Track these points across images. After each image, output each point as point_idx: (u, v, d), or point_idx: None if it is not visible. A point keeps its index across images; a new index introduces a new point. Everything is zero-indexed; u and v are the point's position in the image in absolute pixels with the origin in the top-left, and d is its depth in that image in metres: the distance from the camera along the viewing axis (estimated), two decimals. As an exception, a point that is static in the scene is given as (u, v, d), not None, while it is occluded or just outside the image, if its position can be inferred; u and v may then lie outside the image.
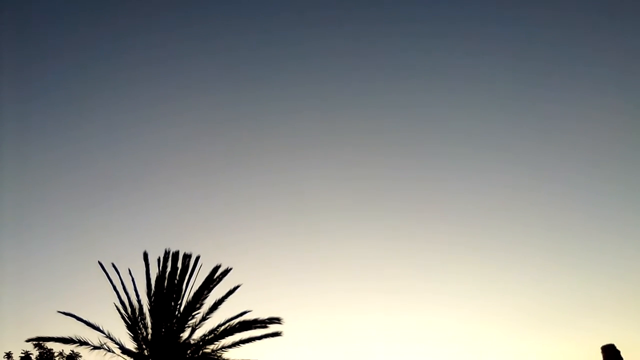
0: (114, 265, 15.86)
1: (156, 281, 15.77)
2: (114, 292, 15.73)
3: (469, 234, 35.62)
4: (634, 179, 35.02)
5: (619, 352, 10.64)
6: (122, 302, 15.72)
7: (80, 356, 18.40)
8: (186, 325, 15.84)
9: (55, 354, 17.98)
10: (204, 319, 15.93)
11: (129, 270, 15.93)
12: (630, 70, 35.18)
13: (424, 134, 38.28)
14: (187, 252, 16.12)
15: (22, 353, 17.56)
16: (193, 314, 15.87)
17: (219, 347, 15.84)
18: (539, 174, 36.51)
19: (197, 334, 15.96)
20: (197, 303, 15.84)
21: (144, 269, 15.85)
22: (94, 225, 34.96)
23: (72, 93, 37.23)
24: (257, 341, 15.91)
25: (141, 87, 38.31)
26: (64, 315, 15.36)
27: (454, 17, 36.97)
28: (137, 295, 15.75)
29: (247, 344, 15.87)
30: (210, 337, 15.85)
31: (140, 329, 15.72)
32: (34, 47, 36.02)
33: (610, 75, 36.04)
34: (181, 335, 15.87)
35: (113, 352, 15.29)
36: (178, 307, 15.83)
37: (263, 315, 15.92)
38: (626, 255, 32.18)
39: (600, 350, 10.79)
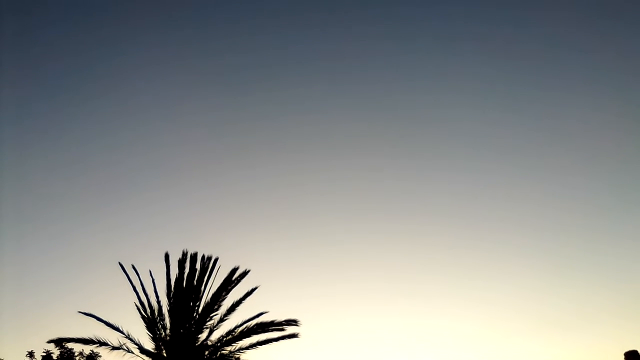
0: (134, 267, 16.05)
1: (175, 282, 15.88)
2: (134, 293, 15.92)
3: (484, 237, 35.40)
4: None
5: (642, 358, 10.45)
6: (141, 303, 15.88)
7: (100, 356, 18.63)
8: (204, 327, 15.94)
9: (76, 354, 18.22)
10: (221, 320, 16.03)
11: (150, 272, 16.12)
12: (630, 71, 34.75)
13: (432, 134, 38.26)
14: (207, 253, 16.25)
15: (43, 352, 17.84)
16: (211, 315, 15.97)
17: (237, 348, 15.89)
18: (550, 175, 36.17)
19: (215, 335, 16.08)
20: (215, 304, 15.93)
21: (164, 269, 16.01)
22: (114, 225, 35.45)
23: (85, 91, 37.81)
24: (274, 343, 15.96)
25: (158, 85, 38.77)
26: (84, 315, 15.57)
27: (453, 17, 36.88)
28: (157, 296, 15.91)
29: (264, 346, 15.92)
30: (228, 338, 15.91)
31: (159, 330, 15.85)
32: (38, 46, 36.68)
33: (609, 75, 35.66)
34: (199, 336, 15.97)
35: (132, 352, 15.41)
36: (196, 308, 15.94)
37: (280, 317, 15.95)
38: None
39: (623, 357, 10.61)
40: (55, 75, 37.34)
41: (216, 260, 16.21)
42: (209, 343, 16.00)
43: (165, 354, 15.69)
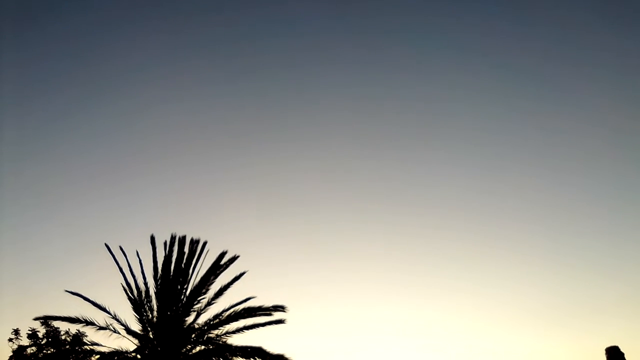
0: (121, 248, 15.94)
1: (163, 265, 15.85)
2: (121, 274, 15.86)
3: (475, 231, 35.66)
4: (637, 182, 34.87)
5: (622, 354, 10.58)
6: (128, 284, 15.83)
7: (86, 335, 18.56)
8: (191, 310, 15.94)
9: (62, 333, 18.15)
10: (209, 304, 16.04)
11: (137, 253, 16.02)
12: (629, 71, 34.88)
13: (431, 128, 38.23)
14: (195, 237, 16.21)
15: (29, 330, 17.77)
16: (199, 298, 15.97)
17: (223, 332, 15.91)
18: (545, 173, 36.40)
19: (202, 319, 16.10)
20: (203, 288, 15.92)
21: (151, 252, 15.96)
22: (103, 207, 35.28)
23: (77, 79, 37.46)
24: (261, 328, 15.98)
25: (147, 72, 38.38)
26: (71, 295, 15.50)
27: (456, 14, 36.73)
28: (144, 278, 15.88)
29: (251, 330, 15.94)
30: (215, 322, 15.93)
31: (145, 311, 15.83)
32: (38, 33, 36.19)
33: (609, 75, 35.77)
34: (186, 319, 15.98)
35: (118, 333, 15.45)
36: (184, 291, 15.93)
37: (268, 302, 15.99)
38: (632, 257, 32.05)
39: (604, 352, 10.74)
40: (49, 62, 36.91)
41: (205, 243, 16.19)
42: (196, 326, 16.02)
43: (151, 336, 15.71)
